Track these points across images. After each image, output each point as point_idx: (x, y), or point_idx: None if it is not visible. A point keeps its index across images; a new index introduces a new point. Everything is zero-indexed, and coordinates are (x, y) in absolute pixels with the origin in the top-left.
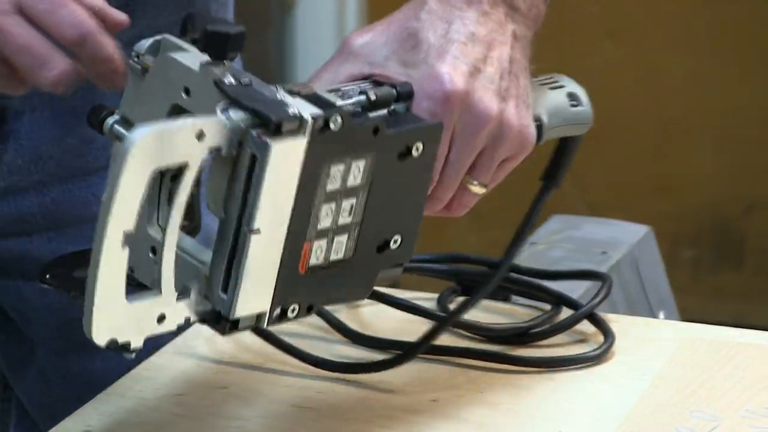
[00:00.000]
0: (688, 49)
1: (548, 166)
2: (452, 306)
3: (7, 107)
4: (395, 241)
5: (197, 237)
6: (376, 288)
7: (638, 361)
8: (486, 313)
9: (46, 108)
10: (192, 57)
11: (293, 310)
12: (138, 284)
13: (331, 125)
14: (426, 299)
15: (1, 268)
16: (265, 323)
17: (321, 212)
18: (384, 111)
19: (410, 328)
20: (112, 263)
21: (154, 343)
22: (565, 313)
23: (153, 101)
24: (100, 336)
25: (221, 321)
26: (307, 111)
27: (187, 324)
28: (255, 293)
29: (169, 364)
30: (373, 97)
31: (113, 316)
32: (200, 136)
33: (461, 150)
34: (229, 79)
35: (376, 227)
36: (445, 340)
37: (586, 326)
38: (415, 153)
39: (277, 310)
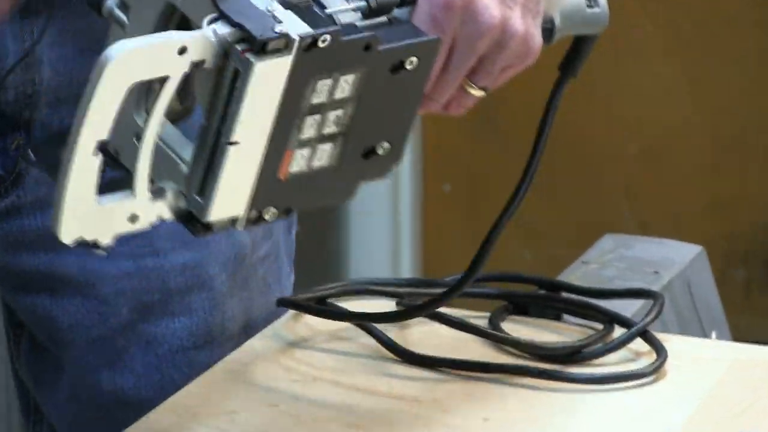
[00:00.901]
0: (741, 67)
1: (565, 56)
2: (504, 324)
3: (34, 119)
4: (383, 148)
5: (185, 125)
6: (427, 306)
7: (689, 380)
8: (538, 331)
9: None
10: None
11: (270, 213)
12: (120, 165)
13: (320, 43)
14: (478, 317)
15: (27, 284)
16: (241, 226)
17: (305, 123)
18: (384, 18)
19: (462, 346)
20: (83, 169)
21: (205, 360)
22: (618, 331)
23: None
24: (68, 235)
25: (195, 223)
26: (296, 28)
27: (160, 222)
28: (231, 199)
29: (219, 381)
30: (373, 4)
31: (82, 216)
32: (182, 51)
33: (461, 56)
34: None
35: (363, 135)
36: (496, 358)
37: (638, 345)
38: (409, 66)
39: (253, 213)
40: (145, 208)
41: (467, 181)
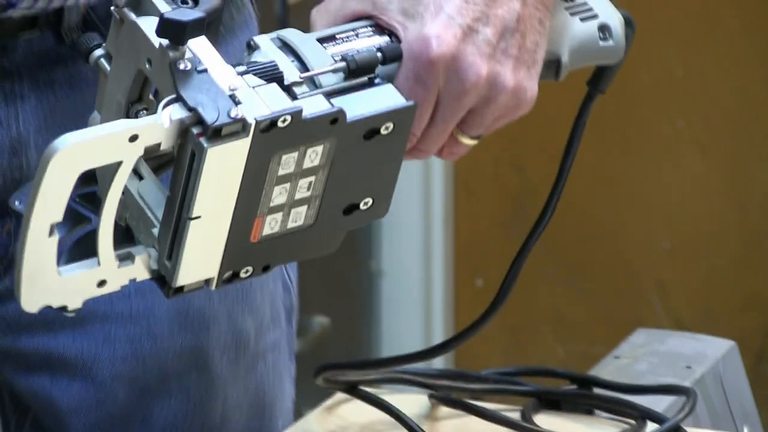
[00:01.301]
0: None
1: (594, 73)
2: (536, 418)
3: None
4: (365, 203)
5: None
6: (460, 399)
7: None
8: (570, 426)
9: None
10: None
11: (246, 272)
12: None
13: (279, 123)
14: (510, 410)
15: (28, 366)
16: (214, 286)
17: (273, 192)
18: (365, 78)
19: None
20: (38, 249)
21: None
22: (650, 427)
23: (125, 58)
24: (31, 305)
25: (166, 286)
26: (255, 110)
27: (133, 283)
28: (199, 264)
29: None
30: (353, 66)
31: (44, 287)
32: (134, 138)
33: (447, 111)
34: (185, 65)
35: (340, 196)
36: None
37: None
38: (384, 131)
39: (228, 274)
40: (112, 273)
41: (499, 276)
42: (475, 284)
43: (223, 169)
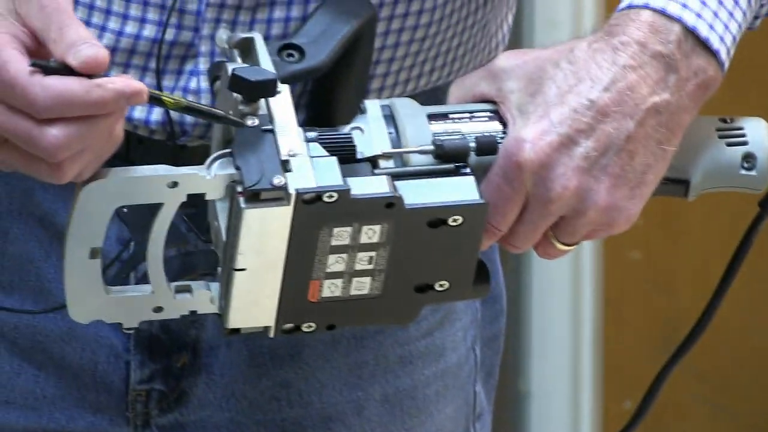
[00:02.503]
0: None
1: (765, 195)
2: None
3: (201, 340)
4: (441, 285)
5: None
6: None
7: None
8: None
9: (243, 345)
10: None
11: (309, 327)
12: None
13: (325, 198)
14: None
15: None
16: (272, 334)
17: (328, 260)
18: (451, 165)
19: None
20: (80, 271)
21: None
22: None
23: (222, 99)
24: (80, 317)
25: (223, 324)
26: (300, 181)
27: (193, 315)
28: (250, 312)
29: None
30: (440, 151)
31: (93, 306)
32: (173, 185)
33: (533, 213)
34: (252, 121)
35: (409, 274)
36: None
37: None
38: (452, 223)
39: (289, 326)
40: (168, 302)
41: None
42: (624, 406)
43: (264, 230)
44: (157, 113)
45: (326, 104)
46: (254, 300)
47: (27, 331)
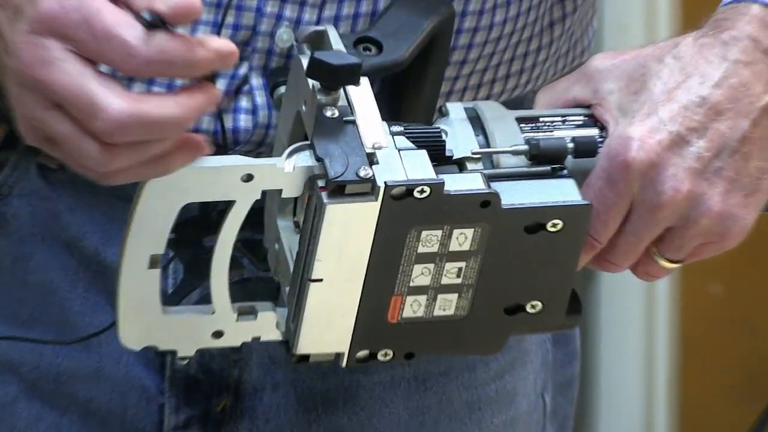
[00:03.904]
0: None
1: None
2: None
3: (244, 381)
4: (533, 307)
5: None
6: None
7: None
8: None
9: (291, 387)
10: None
11: (385, 355)
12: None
13: (416, 194)
14: None
15: None
16: (344, 363)
17: (413, 271)
18: (548, 167)
19: None
20: (137, 283)
21: None
22: None
23: (291, 97)
24: (130, 342)
25: (290, 351)
26: (388, 174)
27: (255, 342)
28: (325, 333)
29: None
30: (534, 151)
31: (147, 326)
32: (248, 178)
33: (638, 222)
34: (332, 112)
35: (500, 291)
36: None
37: None
38: (551, 228)
39: (364, 353)
40: (230, 326)
41: None
42: None
43: (347, 230)
44: (207, 121)
45: (397, 102)
46: (328, 320)
47: (49, 371)
